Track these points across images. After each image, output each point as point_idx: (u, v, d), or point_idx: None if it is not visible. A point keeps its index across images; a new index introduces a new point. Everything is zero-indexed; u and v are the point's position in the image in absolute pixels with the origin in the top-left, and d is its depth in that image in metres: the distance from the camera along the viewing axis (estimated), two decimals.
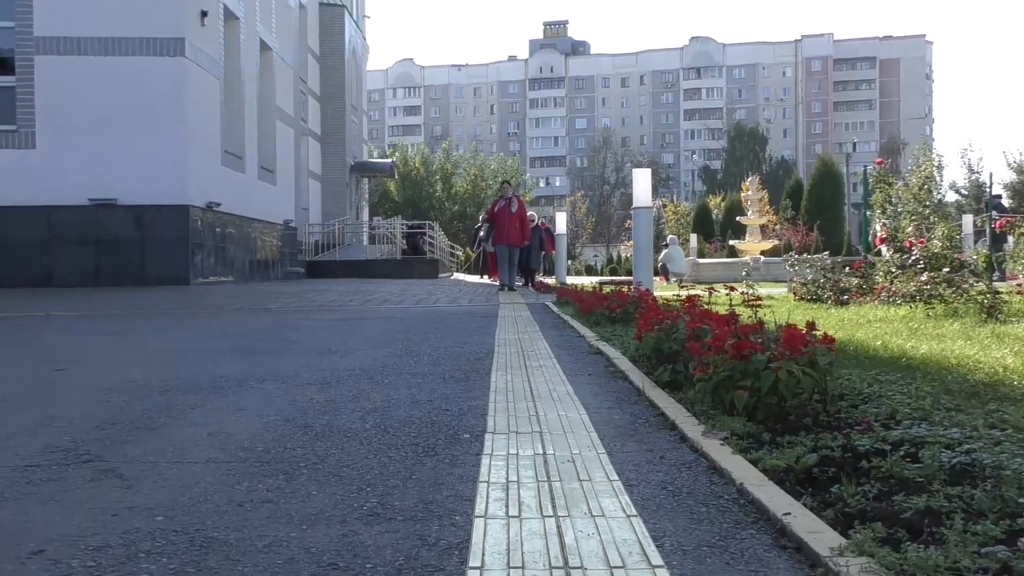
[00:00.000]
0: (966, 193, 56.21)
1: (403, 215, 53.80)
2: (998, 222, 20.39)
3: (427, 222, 40.80)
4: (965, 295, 11.23)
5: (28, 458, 3.93)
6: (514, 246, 20.66)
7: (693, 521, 2.96)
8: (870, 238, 21.32)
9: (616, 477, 3.47)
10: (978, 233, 28.36)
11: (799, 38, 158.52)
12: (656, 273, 25.94)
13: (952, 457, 3.36)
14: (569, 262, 54.02)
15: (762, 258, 33.36)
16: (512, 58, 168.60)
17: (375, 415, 4.84)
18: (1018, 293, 11.78)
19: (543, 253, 27.08)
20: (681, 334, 5.62)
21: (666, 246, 30.68)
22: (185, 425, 4.60)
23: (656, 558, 2.60)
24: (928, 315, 10.51)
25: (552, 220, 31.62)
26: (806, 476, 3.36)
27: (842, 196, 46.61)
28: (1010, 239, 19.42)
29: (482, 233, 25.40)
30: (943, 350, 6.71)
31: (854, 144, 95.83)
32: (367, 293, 18.26)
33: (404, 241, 37.49)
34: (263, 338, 9.23)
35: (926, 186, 15.47)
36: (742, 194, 41.11)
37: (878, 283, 14.35)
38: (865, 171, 26.02)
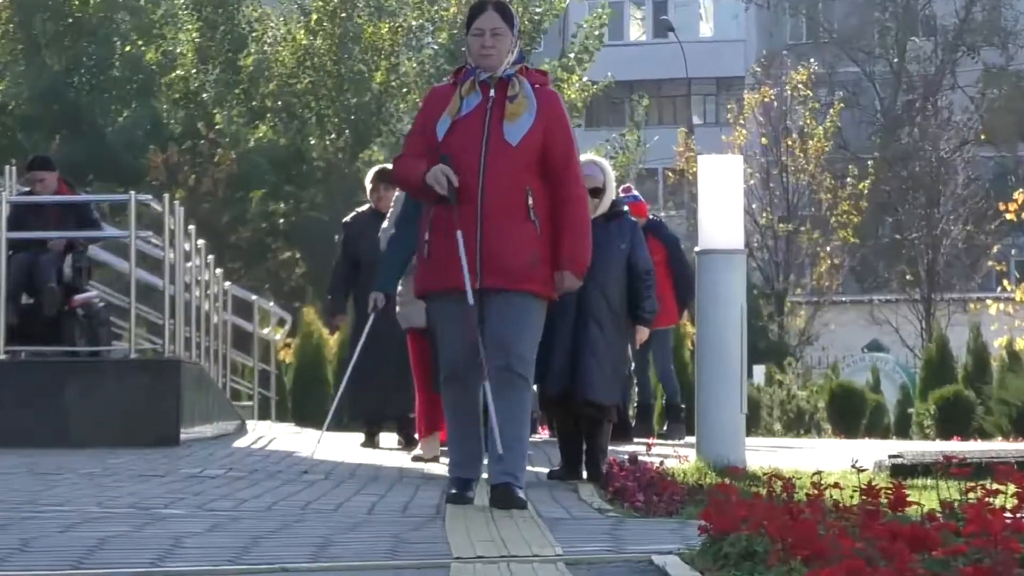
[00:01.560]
0: None
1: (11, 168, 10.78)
2: None
3: (131, 194, 9.14)
4: None
5: None
6: (520, 294, 4.31)
7: None
8: None
9: None
10: None
11: None
12: None
13: None
14: (763, 379, 18.26)
15: None
16: None
17: None
18: None
19: (637, 333, 6.02)
20: None
21: None
22: None
23: None
24: None
25: (680, 191, 11.54)
26: None
27: None
28: None
29: (383, 237, 6.53)
30: None
31: None
32: None
33: None
34: None
35: None
36: None
37: None
38: None
